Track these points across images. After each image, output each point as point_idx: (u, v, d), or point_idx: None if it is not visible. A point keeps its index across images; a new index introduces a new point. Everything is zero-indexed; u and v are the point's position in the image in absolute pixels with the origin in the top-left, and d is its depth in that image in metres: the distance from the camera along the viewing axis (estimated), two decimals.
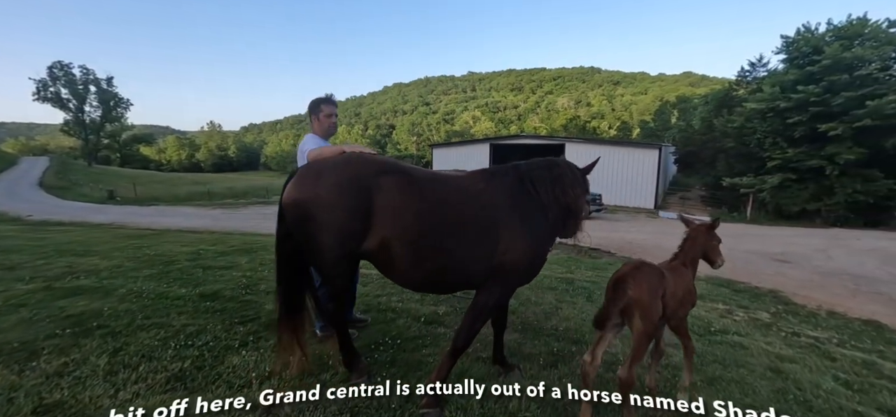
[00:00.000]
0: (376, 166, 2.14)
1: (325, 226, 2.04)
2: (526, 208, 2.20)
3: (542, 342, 3.19)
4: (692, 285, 2.42)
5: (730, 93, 25.62)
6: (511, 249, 2.12)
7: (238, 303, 3.71)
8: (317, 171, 2.13)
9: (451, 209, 2.12)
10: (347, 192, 2.04)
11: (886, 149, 15.96)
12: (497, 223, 2.13)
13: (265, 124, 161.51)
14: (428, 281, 2.21)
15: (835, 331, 5.04)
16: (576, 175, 2.41)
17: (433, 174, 2.31)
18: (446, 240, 2.09)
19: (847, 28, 17.66)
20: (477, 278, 2.19)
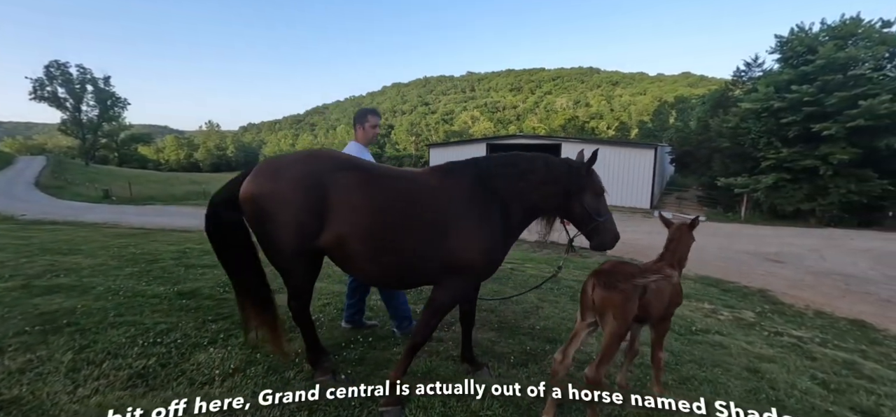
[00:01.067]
0: (333, 162, 2.13)
1: (281, 223, 2.02)
2: (483, 205, 2.16)
3: (517, 341, 3.17)
4: (679, 286, 2.38)
5: (726, 94, 25.65)
6: (465, 247, 2.10)
7: (215, 301, 3.69)
8: (274, 167, 2.12)
9: (406, 205, 2.11)
10: (303, 188, 2.02)
11: (880, 149, 15.98)
12: (452, 219, 2.11)
13: (264, 124, 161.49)
14: (387, 277, 2.20)
15: (819, 331, 5.04)
16: (552, 171, 2.27)
17: (390, 170, 2.30)
18: (401, 236, 2.08)
19: (840, 28, 17.68)
20: (435, 274, 2.18)
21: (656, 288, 2.20)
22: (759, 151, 18.49)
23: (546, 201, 2.29)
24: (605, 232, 2.31)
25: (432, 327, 2.24)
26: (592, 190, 2.30)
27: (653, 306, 2.18)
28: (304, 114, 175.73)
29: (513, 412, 2.17)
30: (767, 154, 18.02)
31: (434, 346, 2.96)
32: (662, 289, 2.24)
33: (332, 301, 3.83)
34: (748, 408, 2.54)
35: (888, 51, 16.98)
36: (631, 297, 2.05)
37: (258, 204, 2.05)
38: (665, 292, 2.26)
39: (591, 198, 2.29)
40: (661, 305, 2.24)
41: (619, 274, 2.09)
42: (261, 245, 2.21)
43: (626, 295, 2.04)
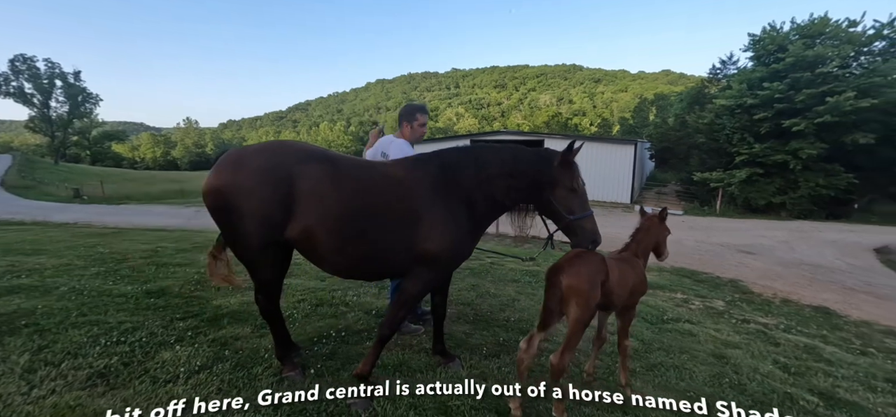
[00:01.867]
0: (299, 153, 2.11)
1: (246, 215, 1.98)
2: (448, 197, 2.15)
3: (491, 333, 3.20)
4: (643, 275, 2.41)
5: (702, 91, 26.36)
6: (430, 238, 2.10)
7: (184, 299, 3.61)
8: (237, 158, 2.08)
9: (372, 197, 2.10)
10: (268, 179, 1.99)
11: (846, 144, 16.66)
12: (417, 211, 2.11)
13: (244, 121, 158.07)
14: (353, 268, 2.18)
15: (784, 318, 5.22)
16: (518, 163, 2.20)
17: (357, 161, 2.28)
18: (368, 228, 2.07)
19: (809, 27, 18.33)
20: (401, 266, 2.18)
21: (619, 276, 2.23)
22: (734, 147, 19.07)
23: (510, 194, 2.22)
24: (582, 232, 2.19)
25: (400, 319, 2.23)
26: (564, 184, 2.17)
27: (615, 293, 2.21)
28: (286, 110, 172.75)
29: (481, 402, 2.18)
30: (741, 149, 18.60)
31: (407, 339, 2.96)
32: (626, 277, 2.27)
33: (306, 297, 3.79)
34: (712, 392, 2.66)
35: (853, 49, 17.70)
36: (593, 284, 2.07)
37: (221, 196, 2.01)
38: (628, 279, 2.29)
39: (563, 194, 2.18)
40: (624, 292, 2.27)
41: (580, 263, 2.12)
42: (225, 238, 2.18)
43: (589, 283, 2.07)
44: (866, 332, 4.99)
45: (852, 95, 15.77)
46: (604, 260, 2.20)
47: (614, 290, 2.19)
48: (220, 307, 3.40)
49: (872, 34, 17.58)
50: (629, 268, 2.34)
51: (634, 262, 2.40)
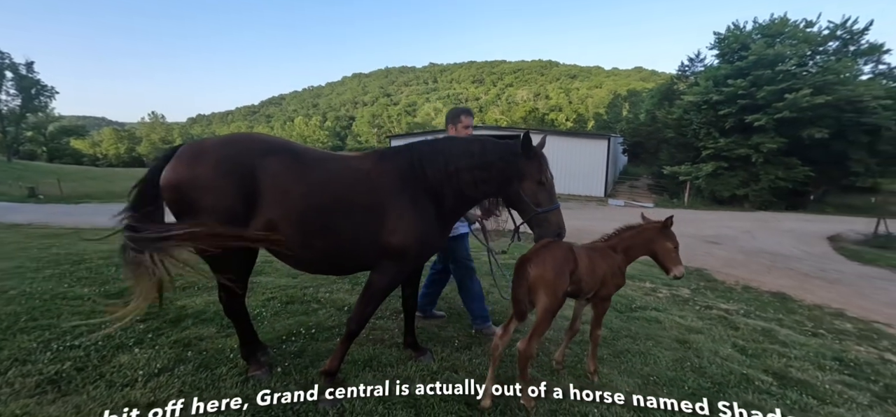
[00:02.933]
0: (262, 145, 2.05)
1: (206, 210, 1.91)
2: (415, 190, 2.13)
3: (463, 325, 3.22)
4: (618, 268, 2.41)
5: (672, 87, 27.26)
6: (398, 231, 2.07)
7: None
8: (196, 151, 2.00)
9: (338, 189, 2.06)
10: (229, 173, 1.93)
11: (803, 138, 17.62)
12: (383, 204, 2.08)
13: (215, 115, 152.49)
14: (320, 262, 2.15)
15: (744, 303, 5.48)
16: (485, 156, 2.16)
17: (322, 154, 2.25)
18: (334, 221, 2.04)
19: (770, 27, 19.24)
20: (369, 260, 2.15)
21: (588, 265, 2.25)
22: (700, 141, 19.86)
23: (477, 187, 2.19)
24: (547, 225, 2.18)
25: (368, 314, 2.22)
26: (532, 177, 2.16)
27: (585, 282, 2.24)
28: (259, 104, 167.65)
29: (453, 398, 2.19)
30: (707, 143, 19.39)
31: (379, 334, 2.94)
32: (596, 267, 2.29)
33: (276, 294, 3.71)
34: (674, 376, 2.76)
35: (810, 48, 18.69)
36: (560, 273, 2.11)
37: (181, 191, 1.93)
38: (599, 270, 2.30)
39: (531, 186, 2.17)
40: (593, 281, 2.29)
41: (547, 253, 2.14)
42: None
43: (555, 272, 2.10)
44: (818, 315, 5.31)
45: (808, 92, 16.68)
46: (571, 249, 2.24)
47: (583, 278, 2.22)
48: (185, 307, 3.28)
49: (827, 34, 18.62)
50: (601, 259, 2.35)
51: (608, 254, 2.41)
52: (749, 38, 19.35)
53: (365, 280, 2.23)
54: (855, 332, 4.68)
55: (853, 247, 11.63)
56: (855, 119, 17.15)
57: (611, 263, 2.39)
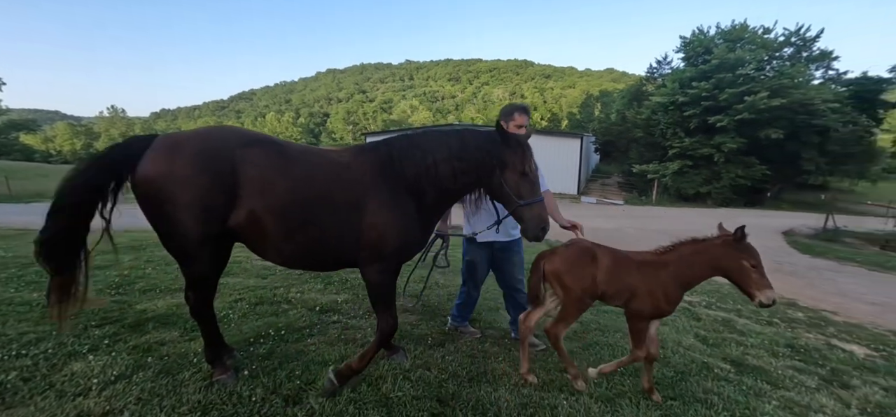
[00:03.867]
0: (241, 137, 1.99)
1: (183, 205, 1.83)
2: (394, 186, 2.07)
3: (436, 323, 3.22)
4: (661, 286, 2.12)
5: (641, 88, 28.20)
6: (377, 227, 2.02)
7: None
8: (172, 144, 1.90)
9: (318, 182, 2.01)
10: (207, 165, 1.85)
11: (760, 139, 18.62)
12: (362, 199, 2.02)
13: (181, 110, 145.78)
14: (301, 256, 2.09)
15: (707, 296, 5.74)
16: (465, 148, 2.10)
17: (302, 147, 2.19)
18: (315, 214, 1.99)
19: (731, 32, 20.23)
20: (350, 255, 2.10)
21: (610, 269, 2.15)
22: (667, 141, 20.66)
23: (457, 180, 2.11)
24: (530, 218, 2.09)
25: (390, 310, 2.17)
26: (514, 167, 2.07)
27: (604, 286, 2.15)
28: (228, 100, 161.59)
29: (424, 391, 2.19)
30: (673, 143, 20.20)
31: (351, 333, 2.90)
32: (618, 273, 2.16)
33: (244, 295, 3.60)
34: (639, 366, 2.84)
35: (767, 54, 19.76)
36: (571, 268, 2.17)
37: (155, 186, 1.83)
38: (626, 278, 2.15)
39: (514, 177, 2.08)
40: (616, 289, 2.17)
41: (562, 250, 2.22)
42: (158, 230, 1.95)
43: (566, 267, 2.17)
44: (773, 306, 5.64)
45: (766, 95, 17.65)
46: (593, 249, 2.26)
47: (601, 282, 2.16)
48: (145, 311, 3.13)
49: (782, 40, 19.74)
50: (635, 268, 2.16)
51: (650, 266, 2.16)
52: (712, 43, 20.31)
53: (338, 278, 2.19)
54: (805, 320, 4.99)
55: (805, 241, 12.39)
56: (807, 121, 18.29)
57: (650, 277, 2.14)
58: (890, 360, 3.83)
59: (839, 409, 2.69)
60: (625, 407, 2.23)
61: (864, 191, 25.50)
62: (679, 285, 2.15)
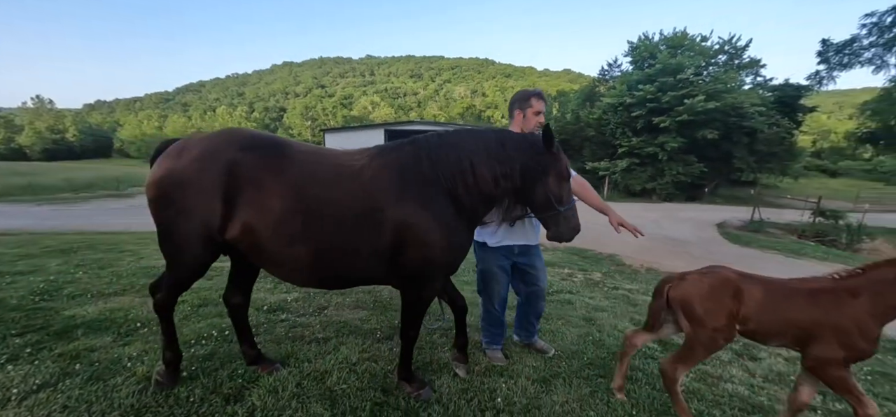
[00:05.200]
0: (244, 139, 1.88)
1: (181, 207, 1.80)
2: (424, 190, 1.86)
3: (386, 318, 3.28)
4: (855, 323, 1.69)
5: (594, 90, 29.60)
6: (412, 240, 1.83)
7: (24, 312, 3.04)
8: (180, 147, 1.88)
9: (321, 187, 1.83)
10: (206, 168, 1.79)
11: (698, 139, 20.17)
12: (383, 207, 1.82)
13: (119, 102, 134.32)
14: (303, 272, 1.90)
15: (646, 283, 6.20)
16: (506, 150, 1.94)
17: (310, 148, 2.01)
18: (318, 223, 1.81)
19: (673, 39, 21.74)
20: (369, 272, 1.92)
21: (765, 303, 1.83)
22: (617, 140, 21.88)
23: (498, 185, 1.96)
24: (565, 222, 1.99)
25: (413, 332, 2.14)
26: (556, 173, 1.95)
27: (756, 323, 1.84)
28: (173, 92, 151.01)
29: (368, 382, 2.26)
30: (622, 142, 21.44)
31: (299, 331, 2.91)
32: (778, 307, 1.82)
33: (187, 297, 3.46)
34: (577, 349, 3.07)
35: (704, 60, 21.41)
36: (704, 302, 1.87)
37: (161, 187, 1.81)
38: (788, 313, 1.80)
39: (555, 183, 1.96)
40: (774, 326, 1.83)
41: (697, 277, 1.95)
42: (160, 231, 1.89)
43: (699, 299, 1.87)
44: None
45: (703, 98, 19.15)
46: (736, 278, 1.93)
47: (752, 318, 1.83)
48: (73, 317, 2.95)
49: (717, 48, 21.45)
50: (797, 298, 1.81)
51: (824, 295, 1.78)
52: (656, 49, 21.75)
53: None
54: None
55: (735, 232, 13.62)
56: (738, 123, 20.04)
57: (833, 311, 1.74)
58: None
59: (745, 378, 3.05)
60: (559, 387, 2.41)
61: (788, 187, 28.39)
62: (876, 318, 1.69)
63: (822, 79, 16.28)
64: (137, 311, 3.12)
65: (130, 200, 18.74)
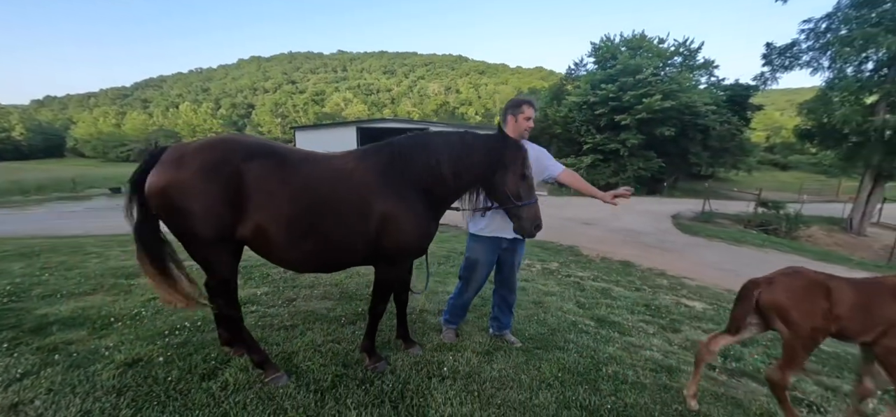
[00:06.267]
0: (245, 149, 2.08)
1: (193, 213, 1.96)
2: (401, 186, 2.20)
3: (352, 306, 3.57)
4: None
5: (561, 88, 30.58)
6: (391, 228, 2.16)
7: None
8: (178, 156, 2.01)
9: (323, 189, 2.12)
10: (213, 177, 1.96)
11: (657, 136, 21.36)
12: (370, 202, 2.15)
13: (71, 98, 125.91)
14: (308, 261, 2.22)
15: (597, 271, 6.71)
16: (467, 150, 2.27)
17: (305, 154, 2.28)
18: (322, 220, 2.11)
19: (633, 40, 22.87)
20: (359, 256, 2.25)
21: (857, 303, 1.95)
22: (582, 137, 22.81)
23: (461, 179, 2.28)
24: (525, 218, 2.29)
25: (386, 301, 2.49)
26: (515, 171, 2.25)
27: (848, 321, 1.95)
28: (132, 87, 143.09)
29: (331, 360, 2.55)
30: (587, 139, 22.40)
31: (268, 320, 3.15)
32: (871, 304, 1.95)
33: (157, 295, 3.63)
34: (521, 328, 3.46)
35: (661, 61, 22.64)
36: (798, 303, 1.94)
37: (166, 196, 1.95)
38: (879, 309, 1.94)
39: (513, 180, 2.26)
40: (865, 324, 1.95)
41: (785, 279, 2.02)
42: (178, 239, 2.09)
43: (792, 300, 1.95)
44: (647, 275, 6.77)
45: (659, 97, 20.30)
46: (825, 279, 2.03)
47: (845, 317, 1.94)
48: (46, 316, 3.07)
49: (673, 50, 22.71)
50: (884, 295, 1.96)
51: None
52: (617, 50, 22.82)
53: (259, 273, 2.42)
54: (667, 285, 6.11)
55: (687, 223, 14.62)
56: (692, 120, 21.36)
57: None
58: (717, 311, 4.93)
59: (665, 346, 3.53)
60: (499, 358, 2.79)
61: (743, 180, 30.37)
62: None
63: (766, 80, 17.56)
64: (110, 308, 3.27)
65: (88, 202, 17.93)
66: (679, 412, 2.38)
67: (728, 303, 5.31)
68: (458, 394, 2.30)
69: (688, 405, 2.35)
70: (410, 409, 2.14)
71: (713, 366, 3.14)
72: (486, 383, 2.46)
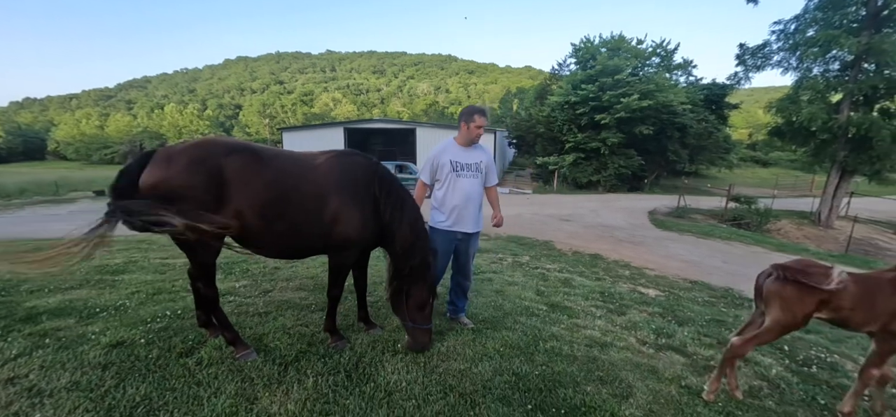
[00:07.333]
0: (226, 146, 2.41)
1: (181, 202, 2.20)
2: (354, 187, 2.64)
3: (324, 297, 3.83)
4: None
5: (546, 87, 31.17)
6: (341, 220, 2.57)
7: None
8: (166, 155, 2.30)
9: (292, 180, 2.49)
10: (198, 171, 2.25)
11: (636, 134, 21.95)
12: (327, 195, 2.54)
13: (52, 99, 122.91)
14: (280, 243, 2.55)
15: (565, 263, 7.01)
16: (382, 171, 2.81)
17: (277, 151, 2.67)
18: (290, 209, 2.46)
19: (612, 42, 23.49)
20: (316, 242, 2.63)
21: (859, 295, 2.06)
22: (564, 136, 23.34)
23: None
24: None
25: (341, 285, 2.85)
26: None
27: (851, 313, 2.07)
28: (115, 88, 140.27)
29: (298, 340, 2.87)
30: (569, 138, 22.93)
31: (245, 308, 3.45)
32: (872, 298, 2.06)
33: (141, 288, 3.89)
34: (476, 313, 3.80)
35: (639, 62, 23.27)
36: (802, 293, 2.07)
37: (157, 190, 2.22)
38: (878, 302, 2.05)
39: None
40: (866, 314, 2.07)
41: (797, 270, 2.14)
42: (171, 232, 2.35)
43: (796, 291, 2.07)
44: (611, 266, 7.10)
45: (637, 97, 20.90)
46: (829, 272, 2.11)
47: (846, 308, 2.06)
48: (36, 307, 3.31)
49: (650, 51, 23.36)
50: (885, 287, 2.08)
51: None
52: (597, 51, 23.42)
53: (239, 269, 2.69)
54: (628, 276, 6.44)
55: (661, 218, 15.15)
56: (670, 119, 22.02)
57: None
58: (668, 297, 5.28)
59: (606, 327, 3.84)
60: (450, 337, 3.12)
61: (724, 177, 31.23)
62: None
63: (740, 79, 18.23)
64: (96, 300, 3.53)
65: (71, 205, 17.81)
66: (599, 377, 2.75)
67: (681, 290, 5.71)
68: (406, 365, 2.64)
69: (706, 396, 2.47)
70: (361, 377, 2.48)
71: (645, 341, 3.52)
72: (433, 356, 2.80)
